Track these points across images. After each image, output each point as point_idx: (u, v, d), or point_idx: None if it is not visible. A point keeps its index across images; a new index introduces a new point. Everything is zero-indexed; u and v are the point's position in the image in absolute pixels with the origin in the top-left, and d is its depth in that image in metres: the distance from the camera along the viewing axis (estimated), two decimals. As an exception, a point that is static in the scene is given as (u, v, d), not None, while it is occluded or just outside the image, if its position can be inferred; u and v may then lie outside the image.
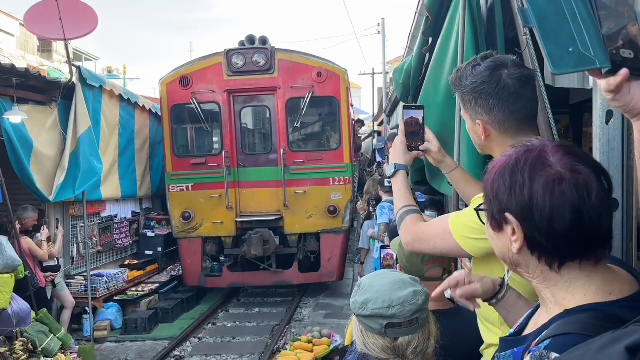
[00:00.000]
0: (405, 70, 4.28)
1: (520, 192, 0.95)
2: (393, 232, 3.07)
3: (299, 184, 8.90)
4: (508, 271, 1.26)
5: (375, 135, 17.61)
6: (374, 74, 29.84)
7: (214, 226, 8.90)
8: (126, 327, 7.93)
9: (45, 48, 34.39)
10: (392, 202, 3.15)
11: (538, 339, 0.93)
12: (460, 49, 2.66)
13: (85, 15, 7.54)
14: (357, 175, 13.15)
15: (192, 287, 9.23)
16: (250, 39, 8.98)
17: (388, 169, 2.13)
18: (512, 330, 1.20)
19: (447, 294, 1.81)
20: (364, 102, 32.54)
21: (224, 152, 8.55)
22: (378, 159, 13.50)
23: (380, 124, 20.16)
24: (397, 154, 2.07)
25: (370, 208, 8.16)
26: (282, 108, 8.85)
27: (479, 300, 1.46)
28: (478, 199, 1.44)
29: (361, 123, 13.10)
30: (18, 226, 6.50)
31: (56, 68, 18.79)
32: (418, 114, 2.09)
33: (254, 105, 9.14)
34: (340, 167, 8.94)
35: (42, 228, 7.02)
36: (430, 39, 3.44)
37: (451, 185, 2.29)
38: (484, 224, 1.15)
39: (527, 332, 1.07)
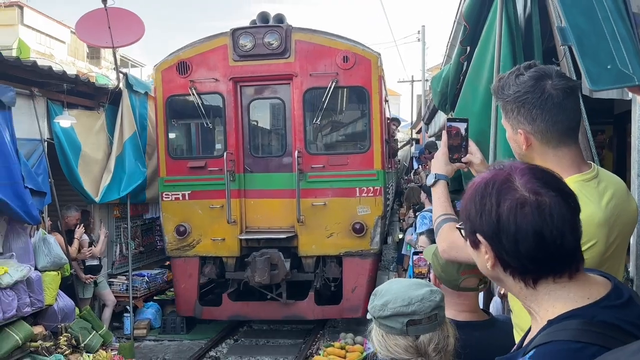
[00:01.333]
0: (443, 78, 4.24)
1: (488, 215, 1.03)
2: (431, 240, 3.00)
3: (317, 195, 7.13)
4: None
5: (413, 142, 16.79)
6: (413, 81, 29.59)
7: (214, 244, 7.21)
8: (164, 326, 7.99)
9: (94, 55, 35.52)
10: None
11: (524, 350, 1.02)
12: (496, 59, 2.66)
13: (132, 24, 7.82)
14: (393, 184, 11.24)
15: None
16: (263, 17, 7.30)
17: (429, 179, 2.18)
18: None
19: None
20: (403, 109, 31.72)
21: (225, 154, 6.88)
22: (415, 166, 12.71)
23: (418, 132, 19.74)
24: (439, 164, 2.12)
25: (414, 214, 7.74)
26: (299, 100, 7.12)
27: (515, 310, 1.63)
28: None
29: (397, 122, 11.28)
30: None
31: (104, 74, 19.10)
32: (461, 126, 2.13)
33: (266, 97, 7.42)
34: (370, 174, 7.14)
35: (78, 226, 7.10)
36: (468, 48, 3.38)
37: None
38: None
39: None
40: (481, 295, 2.70)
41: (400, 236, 9.12)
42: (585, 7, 0.91)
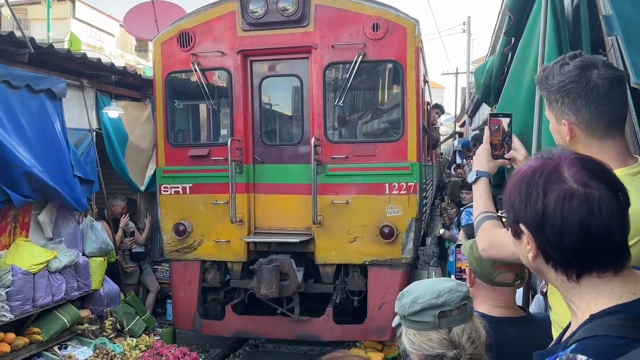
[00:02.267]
0: (487, 70, 4.17)
1: (533, 205, 1.02)
2: (468, 235, 2.82)
3: (338, 191, 5.85)
4: None
5: (457, 136, 16.11)
6: (457, 73, 28.85)
7: (218, 246, 6.09)
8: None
9: (141, 47, 35.89)
10: None
11: (565, 345, 1.00)
12: (541, 50, 2.59)
13: (178, 16, 7.55)
14: (434, 179, 9.86)
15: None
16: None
17: (470, 176, 2.13)
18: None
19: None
20: (447, 102, 30.46)
21: (229, 141, 5.69)
22: (458, 160, 12.18)
23: (462, 125, 18.91)
24: (481, 161, 2.07)
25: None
26: (318, 77, 5.83)
27: (554, 306, 1.61)
28: None
29: (440, 109, 9.89)
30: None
31: (151, 67, 18.31)
32: (504, 121, 2.08)
33: (280, 74, 6.18)
34: (402, 167, 5.84)
35: (123, 215, 7.27)
36: (513, 39, 3.31)
37: None
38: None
39: None
40: (520, 292, 2.58)
41: (442, 231, 8.12)
42: None
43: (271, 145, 6.17)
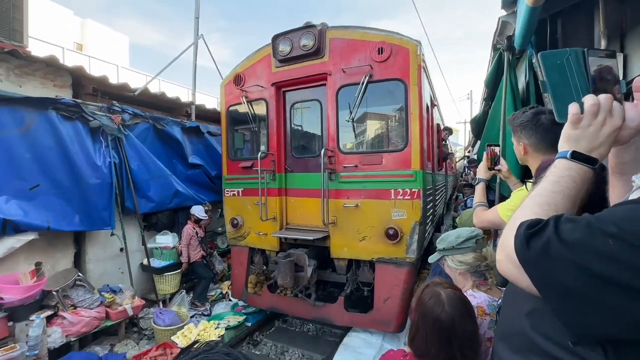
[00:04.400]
0: (477, 120, 4.47)
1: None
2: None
3: (349, 195, 4.05)
4: None
5: (466, 158, 15.31)
6: (465, 122, 29.64)
7: (259, 237, 4.56)
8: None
9: None
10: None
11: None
12: (503, 106, 2.84)
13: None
14: (445, 187, 7.45)
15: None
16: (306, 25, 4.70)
17: (475, 181, 2.18)
18: None
19: None
20: (460, 139, 31.00)
21: (259, 155, 4.24)
22: (466, 171, 12.05)
23: (468, 152, 19.34)
24: (480, 171, 2.15)
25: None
26: (332, 99, 4.10)
27: None
28: (517, 192, 1.82)
29: (449, 131, 7.51)
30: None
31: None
32: (496, 149, 2.13)
33: (305, 100, 4.47)
34: (406, 175, 3.88)
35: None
36: (490, 102, 3.43)
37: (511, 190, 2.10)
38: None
39: None
40: None
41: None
42: (559, 68, 0.83)
43: (298, 157, 4.61)
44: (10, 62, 3.51)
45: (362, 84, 3.84)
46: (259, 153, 4.20)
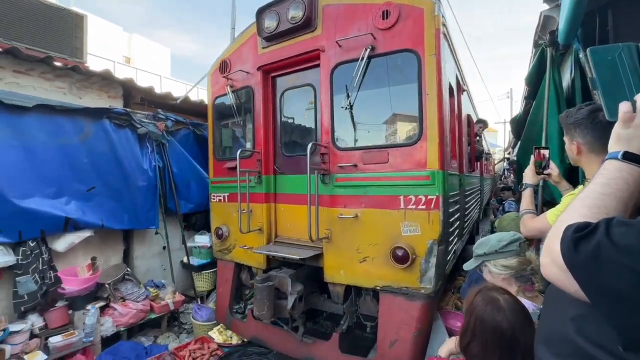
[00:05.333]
0: (518, 119, 4.20)
1: None
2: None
3: (346, 203, 3.13)
4: None
5: (506, 160, 14.36)
6: (505, 122, 27.71)
7: (245, 252, 3.88)
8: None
9: None
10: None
11: None
12: (545, 106, 2.62)
13: None
14: (481, 191, 6.24)
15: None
16: None
17: (523, 186, 2.04)
18: None
19: None
20: (499, 141, 28.58)
21: (238, 153, 3.47)
22: (506, 173, 11.45)
23: (508, 153, 17.76)
24: (528, 176, 2.01)
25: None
26: (326, 81, 3.22)
27: None
28: (568, 196, 1.61)
29: (483, 123, 6.02)
30: None
31: None
32: (545, 152, 2.00)
33: (297, 85, 3.67)
34: (421, 176, 2.85)
35: None
36: (533, 101, 3.17)
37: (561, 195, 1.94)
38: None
39: None
40: None
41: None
42: (610, 64, 0.82)
43: (289, 156, 3.81)
44: (72, 77, 3.95)
45: (362, 59, 2.96)
46: (239, 151, 3.45)
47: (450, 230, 2.96)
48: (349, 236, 3.09)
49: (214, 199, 4.33)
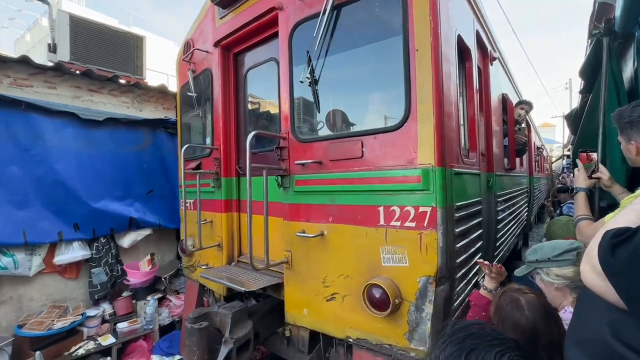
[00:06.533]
0: (574, 115, 3.81)
1: None
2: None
3: (310, 216, 2.21)
4: None
5: (565, 157, 12.59)
6: (564, 116, 24.38)
7: (207, 272, 3.34)
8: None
9: None
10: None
11: None
12: (602, 101, 2.30)
13: None
14: (523, 198, 4.78)
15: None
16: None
17: (574, 190, 1.94)
18: None
19: None
20: (557, 136, 25.46)
21: (182, 151, 2.84)
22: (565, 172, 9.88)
23: (568, 150, 15.81)
24: (579, 180, 1.94)
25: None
26: (284, 48, 2.37)
27: None
28: (627, 199, 1.48)
29: (527, 105, 4.31)
30: None
31: None
32: (594, 155, 1.96)
33: (261, 62, 2.83)
34: (407, 177, 1.85)
35: None
36: (589, 95, 2.81)
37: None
38: None
39: None
40: None
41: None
42: None
43: (255, 153, 3.03)
44: (134, 92, 4.40)
45: (325, 11, 2.06)
46: (182, 148, 2.73)
47: (460, 260, 1.92)
48: (313, 262, 2.20)
49: (182, 205, 3.68)
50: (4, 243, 3.16)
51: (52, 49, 4.26)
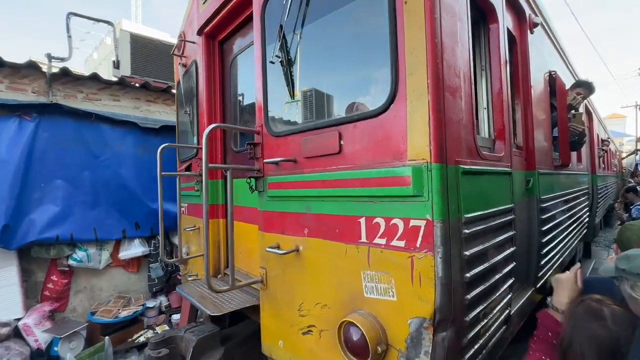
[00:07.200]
0: None
1: None
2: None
3: (284, 227, 1.83)
4: None
5: (638, 152, 11.47)
6: (637, 106, 23.17)
7: (183, 286, 3.04)
8: None
9: None
10: None
11: None
12: None
13: None
14: (592, 195, 3.85)
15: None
16: None
17: None
18: None
19: None
20: (628, 129, 22.71)
21: (160, 149, 2.50)
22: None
23: None
24: None
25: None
26: (258, 26, 2.03)
27: None
28: None
29: (587, 87, 3.35)
30: None
31: None
32: None
33: (245, 47, 2.46)
34: (394, 178, 1.44)
35: None
36: None
37: None
38: None
39: None
40: None
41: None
42: None
43: (238, 151, 2.68)
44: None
45: (296, -31, 1.64)
46: (160, 147, 2.47)
47: (474, 295, 1.37)
48: (288, 284, 1.78)
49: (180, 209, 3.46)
50: (80, 239, 3.60)
51: (116, 65, 4.81)
